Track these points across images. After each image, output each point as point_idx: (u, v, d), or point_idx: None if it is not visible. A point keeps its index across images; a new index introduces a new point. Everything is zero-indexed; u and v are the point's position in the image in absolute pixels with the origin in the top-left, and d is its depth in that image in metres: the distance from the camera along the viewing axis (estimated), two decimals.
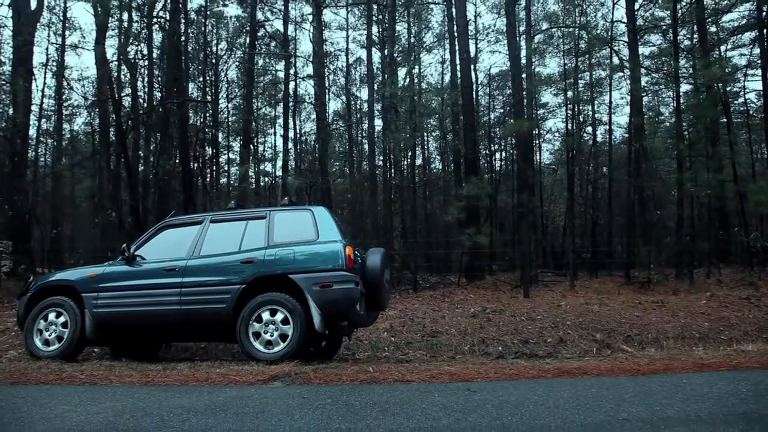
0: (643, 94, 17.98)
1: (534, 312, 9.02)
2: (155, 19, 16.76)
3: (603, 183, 20.74)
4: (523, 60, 16.66)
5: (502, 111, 24.74)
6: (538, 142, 23.78)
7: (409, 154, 21.22)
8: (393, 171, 17.53)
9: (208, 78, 21.50)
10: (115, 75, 16.78)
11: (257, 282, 5.55)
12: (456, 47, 17.08)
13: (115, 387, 4.26)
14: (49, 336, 5.83)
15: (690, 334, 7.58)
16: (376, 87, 19.76)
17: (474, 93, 19.72)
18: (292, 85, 21.13)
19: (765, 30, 14.84)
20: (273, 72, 23.39)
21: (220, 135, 23.04)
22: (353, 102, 23.50)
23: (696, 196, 15.99)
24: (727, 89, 18.38)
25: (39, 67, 20.28)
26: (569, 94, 20.17)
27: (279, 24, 20.87)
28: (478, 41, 22.78)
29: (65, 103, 22.71)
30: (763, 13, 14.99)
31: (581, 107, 20.95)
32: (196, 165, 18.81)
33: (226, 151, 24.74)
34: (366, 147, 23.02)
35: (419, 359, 6.37)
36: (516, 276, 13.56)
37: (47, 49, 21.91)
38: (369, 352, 7.00)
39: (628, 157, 18.07)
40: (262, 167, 23.08)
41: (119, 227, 13.40)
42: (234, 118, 23.96)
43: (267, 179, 23.31)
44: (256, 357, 5.27)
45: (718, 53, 18.87)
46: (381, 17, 19.30)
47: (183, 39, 16.78)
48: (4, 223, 12.36)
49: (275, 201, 18.01)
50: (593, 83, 19.37)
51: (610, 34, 18.55)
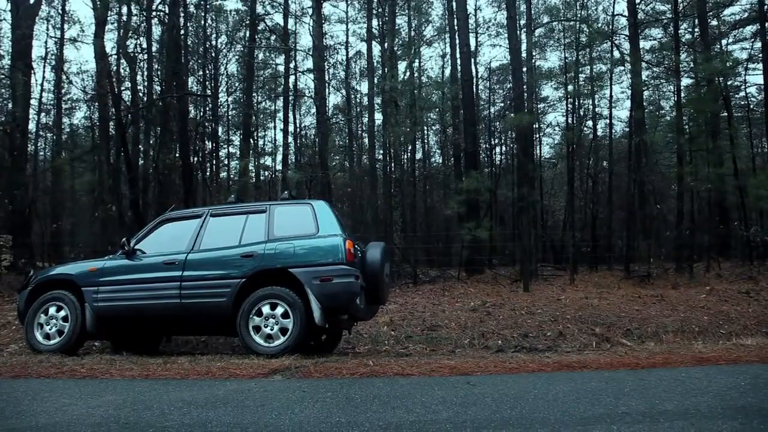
0: (644, 88, 17.93)
1: (534, 306, 9.04)
2: (154, 13, 16.70)
3: (603, 177, 20.69)
4: (524, 53, 16.60)
5: (502, 105, 24.64)
6: (538, 136, 23.73)
7: (409, 147, 21.18)
8: (393, 165, 17.50)
9: (207, 72, 21.38)
10: (115, 69, 16.75)
11: (257, 276, 5.55)
12: (456, 41, 17.03)
13: (116, 380, 4.27)
14: (50, 330, 5.83)
15: (689, 328, 7.59)
16: (376, 80, 19.73)
17: (474, 87, 19.65)
18: (292, 79, 21.10)
19: (766, 23, 14.78)
20: (273, 66, 23.34)
21: (220, 129, 23.00)
22: (353, 96, 23.40)
23: (696, 190, 15.98)
24: (728, 83, 18.34)
25: (38, 61, 20.24)
26: (570, 87, 20.07)
27: (279, 18, 20.81)
28: (478, 35, 22.66)
29: (65, 97, 22.65)
30: (765, 7, 14.93)
31: (582, 101, 20.88)
32: (196, 159, 18.75)
33: (226, 145, 24.72)
34: (366, 141, 23.01)
35: (419, 353, 6.39)
36: (516, 270, 13.58)
37: (46, 43, 21.82)
38: (369, 345, 7.02)
39: (628, 151, 18.04)
40: (262, 161, 23.03)
41: (119, 221, 13.41)
42: (234, 112, 23.91)
43: (267, 173, 23.26)
44: (256, 351, 5.28)
45: (719, 47, 18.82)
46: (381, 10, 19.22)
47: (182, 33, 16.72)
48: (4, 218, 12.38)
49: (275, 195, 17.98)
50: (594, 77, 19.27)
51: (611, 27, 18.48)
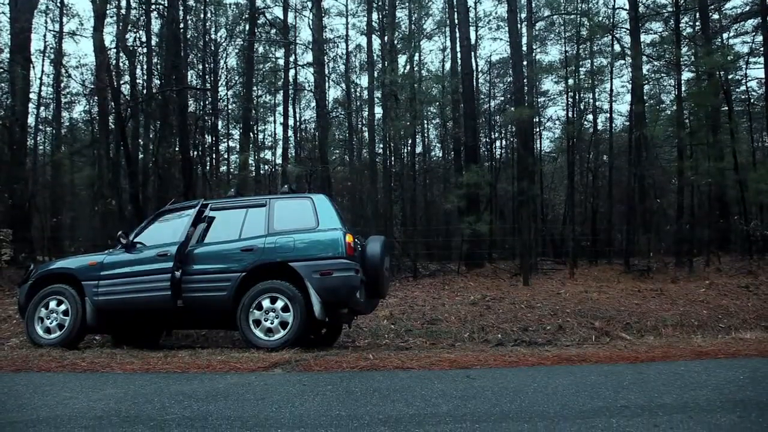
0: (645, 81, 17.85)
1: (533, 300, 9.05)
2: (154, 6, 16.65)
3: (603, 171, 20.67)
4: (524, 47, 16.53)
5: (502, 98, 24.57)
6: (538, 129, 23.61)
7: (409, 141, 21.14)
8: (393, 159, 17.47)
9: (207, 65, 21.31)
10: (114, 62, 16.69)
11: (257, 270, 5.56)
12: (456, 34, 16.99)
13: (117, 374, 4.28)
14: (51, 324, 5.85)
15: (689, 322, 7.61)
16: (376, 74, 19.67)
17: (474, 80, 19.59)
18: (291, 73, 21.05)
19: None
20: (273, 59, 23.24)
21: (219, 123, 22.96)
22: (353, 89, 23.34)
23: (696, 184, 15.97)
24: (729, 77, 18.26)
25: (37, 55, 20.15)
26: (570, 81, 20.01)
27: (279, 11, 20.77)
28: (478, 28, 22.56)
29: (64, 91, 22.54)
30: (766, 0, 14.86)
31: (582, 95, 20.81)
32: (195, 153, 18.72)
33: (225, 139, 24.65)
34: (366, 135, 22.98)
35: (419, 346, 6.41)
36: (516, 264, 13.59)
37: (45, 36, 21.71)
38: (369, 339, 7.03)
39: (628, 145, 18.01)
40: (261, 155, 23.02)
41: (119, 215, 13.41)
42: (234, 105, 23.83)
43: (267, 167, 23.24)
44: (256, 344, 5.30)
45: (720, 41, 18.74)
46: (381, 3, 19.13)
47: (182, 26, 16.65)
48: (4, 212, 12.37)
49: (275, 189, 17.99)
50: (594, 71, 19.25)
51: (611, 21, 18.43)
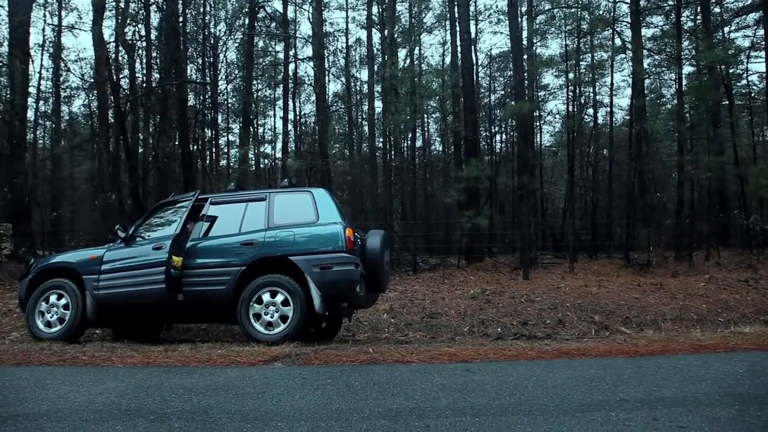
0: (645, 76, 17.79)
1: (533, 294, 9.06)
2: (153, 0, 16.55)
3: (603, 165, 20.68)
4: (525, 41, 16.46)
5: (502, 92, 24.55)
6: (538, 124, 23.62)
7: (409, 135, 21.12)
8: (393, 153, 17.46)
9: (207, 59, 21.25)
10: (113, 56, 16.62)
11: (257, 264, 5.56)
12: (457, 28, 16.92)
13: (117, 368, 4.29)
14: (51, 318, 5.85)
15: (688, 316, 7.62)
16: (376, 68, 19.59)
17: (474, 74, 19.54)
18: (291, 67, 20.95)
19: None
20: (273, 53, 23.17)
21: (219, 117, 22.91)
22: (353, 83, 23.25)
23: (696, 178, 15.97)
24: (730, 71, 18.20)
25: (36, 49, 20.08)
26: (570, 75, 20.00)
27: (278, 5, 20.71)
28: (478, 22, 22.51)
29: (63, 85, 22.48)
30: None
31: (582, 89, 20.82)
32: (195, 147, 18.70)
33: (225, 133, 24.64)
34: (366, 129, 22.90)
35: (419, 340, 6.42)
36: (515, 258, 13.61)
37: (44, 30, 21.60)
38: (369, 333, 7.05)
39: (629, 139, 17.99)
40: (261, 149, 23.00)
41: (119, 209, 13.38)
42: (233, 99, 23.77)
43: (267, 161, 23.24)
44: (256, 338, 5.31)
45: (721, 34, 18.67)
46: None
47: (181, 20, 16.57)
48: (4, 206, 12.36)
49: (275, 183, 17.96)
50: (595, 65, 19.20)
51: (612, 15, 18.36)
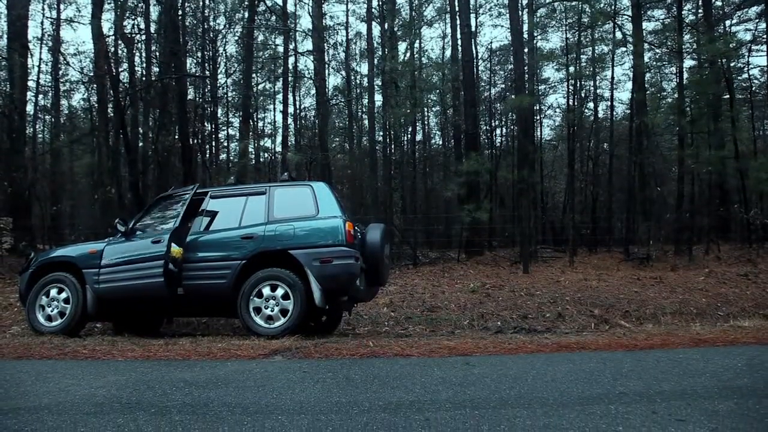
0: (646, 69, 17.74)
1: (533, 287, 9.08)
2: None
3: (604, 159, 20.67)
4: (525, 34, 16.40)
5: (503, 86, 24.46)
6: (539, 117, 23.52)
7: (410, 129, 21.08)
8: (393, 146, 17.43)
9: (206, 53, 21.19)
10: (113, 50, 16.57)
11: (258, 257, 5.57)
12: (457, 21, 16.86)
13: (118, 361, 4.30)
14: (52, 312, 5.87)
15: (687, 309, 7.64)
16: (376, 61, 19.55)
17: (475, 68, 19.47)
18: (291, 60, 20.86)
19: None
20: (272, 47, 23.06)
21: (219, 110, 22.88)
22: (353, 77, 23.17)
23: (697, 172, 15.94)
24: (731, 65, 18.15)
25: (34, 42, 19.99)
26: (571, 69, 19.92)
27: None
28: (479, 15, 22.36)
29: (62, 79, 22.39)
30: None
31: (583, 82, 20.74)
32: (195, 141, 18.65)
33: (225, 127, 24.58)
34: (366, 122, 22.89)
35: (419, 334, 6.43)
36: (515, 252, 13.60)
37: (42, 23, 21.52)
38: (369, 326, 7.06)
39: (629, 133, 17.95)
40: (261, 143, 22.90)
41: (119, 203, 13.39)
42: (233, 93, 23.70)
43: (267, 155, 23.16)
44: (257, 332, 5.32)
45: (722, 28, 18.59)
46: None
47: (180, 13, 16.50)
48: (4, 200, 12.37)
49: (275, 177, 17.95)
50: (595, 58, 19.14)
51: (613, 8, 18.25)
